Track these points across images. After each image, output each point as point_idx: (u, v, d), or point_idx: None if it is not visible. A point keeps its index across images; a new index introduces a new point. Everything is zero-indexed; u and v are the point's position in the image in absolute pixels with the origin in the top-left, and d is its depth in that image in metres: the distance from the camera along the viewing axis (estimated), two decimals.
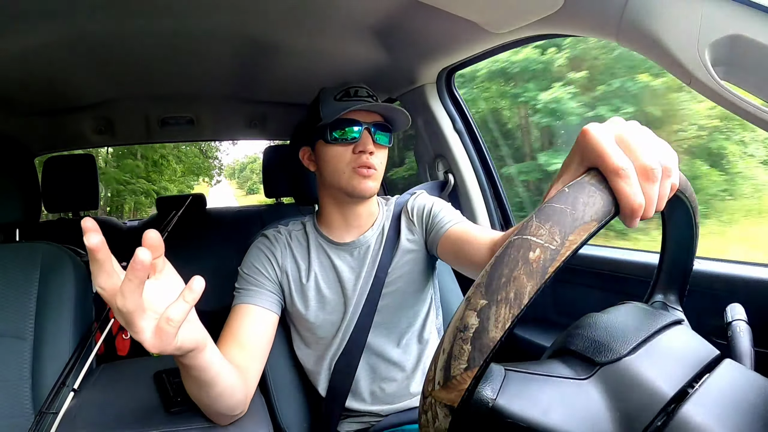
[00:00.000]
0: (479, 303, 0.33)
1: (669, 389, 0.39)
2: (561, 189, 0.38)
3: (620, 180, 0.38)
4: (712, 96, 0.72)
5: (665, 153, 0.42)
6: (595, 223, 0.35)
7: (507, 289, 0.32)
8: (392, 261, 1.15)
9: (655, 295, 0.61)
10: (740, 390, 0.42)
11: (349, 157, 1.07)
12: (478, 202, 1.76)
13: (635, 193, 0.38)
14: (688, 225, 0.53)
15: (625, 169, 0.38)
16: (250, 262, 1.11)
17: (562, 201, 0.35)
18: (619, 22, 0.82)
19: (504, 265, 0.33)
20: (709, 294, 0.60)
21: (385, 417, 1.14)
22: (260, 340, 1.02)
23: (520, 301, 0.32)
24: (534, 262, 0.33)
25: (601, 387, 0.41)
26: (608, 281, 1.32)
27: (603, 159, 0.39)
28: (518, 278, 0.32)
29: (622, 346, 0.42)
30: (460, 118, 1.76)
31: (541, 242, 0.33)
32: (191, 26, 1.30)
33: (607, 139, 0.40)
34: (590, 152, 0.41)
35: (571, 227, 0.34)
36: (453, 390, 0.34)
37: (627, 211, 0.39)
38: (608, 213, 0.37)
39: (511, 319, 0.32)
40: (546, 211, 0.35)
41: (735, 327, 0.55)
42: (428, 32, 1.34)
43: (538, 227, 0.34)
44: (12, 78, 1.48)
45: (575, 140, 0.43)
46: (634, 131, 0.42)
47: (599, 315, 0.48)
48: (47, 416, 0.91)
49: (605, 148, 0.40)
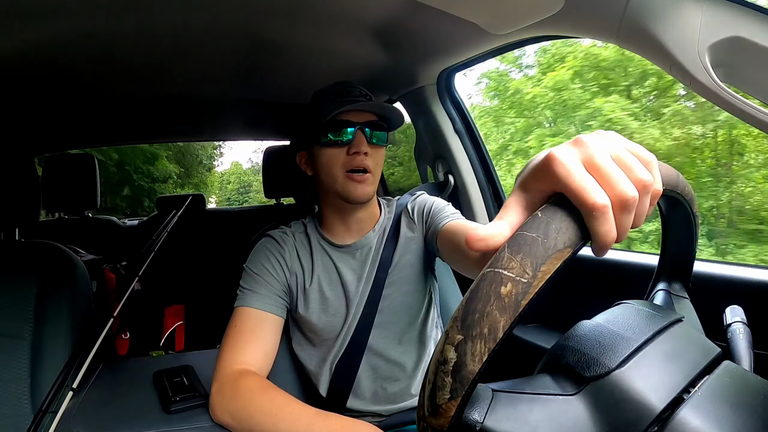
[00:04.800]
0: (456, 338, 0.33)
1: (659, 402, 0.39)
2: (534, 214, 0.36)
3: (594, 219, 0.34)
4: (712, 98, 0.72)
5: (642, 167, 0.37)
6: (569, 250, 0.34)
7: (481, 324, 0.32)
8: (392, 261, 1.15)
9: (659, 284, 0.61)
10: (739, 392, 0.42)
11: (344, 159, 1.06)
12: (478, 203, 1.76)
13: (609, 231, 0.35)
14: (686, 219, 0.53)
15: (604, 206, 0.34)
16: (259, 261, 1.10)
17: (533, 229, 0.34)
18: (620, 24, 0.82)
19: (477, 300, 0.33)
20: (708, 295, 0.60)
21: (387, 417, 1.14)
22: (270, 344, 1.03)
23: (494, 335, 0.32)
24: (506, 296, 0.32)
25: (589, 403, 0.40)
26: (608, 281, 1.32)
27: (575, 195, 0.35)
28: (491, 313, 0.32)
29: (611, 359, 0.41)
30: (460, 119, 1.76)
31: (512, 276, 0.32)
32: (191, 26, 1.30)
33: (577, 170, 0.35)
34: (558, 183, 0.36)
35: (543, 257, 0.33)
36: (441, 417, 0.34)
37: (599, 245, 0.36)
38: (583, 238, 0.35)
39: (487, 353, 0.32)
40: (517, 240, 0.34)
41: (734, 329, 0.55)
42: (429, 33, 1.34)
43: (510, 259, 0.33)
44: (11, 77, 1.48)
45: (538, 162, 0.38)
46: (604, 152, 0.36)
47: (590, 324, 0.47)
48: (46, 415, 0.91)
49: (577, 183, 0.35)
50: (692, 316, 0.59)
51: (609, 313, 0.50)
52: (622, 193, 0.35)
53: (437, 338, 1.21)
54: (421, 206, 1.19)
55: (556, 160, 0.36)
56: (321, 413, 0.88)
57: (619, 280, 1.29)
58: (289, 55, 1.56)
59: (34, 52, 1.30)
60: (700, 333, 0.56)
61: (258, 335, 1.01)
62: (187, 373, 1.07)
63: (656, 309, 0.50)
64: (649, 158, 0.38)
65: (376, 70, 1.66)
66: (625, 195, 0.35)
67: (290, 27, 1.34)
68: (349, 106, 1.04)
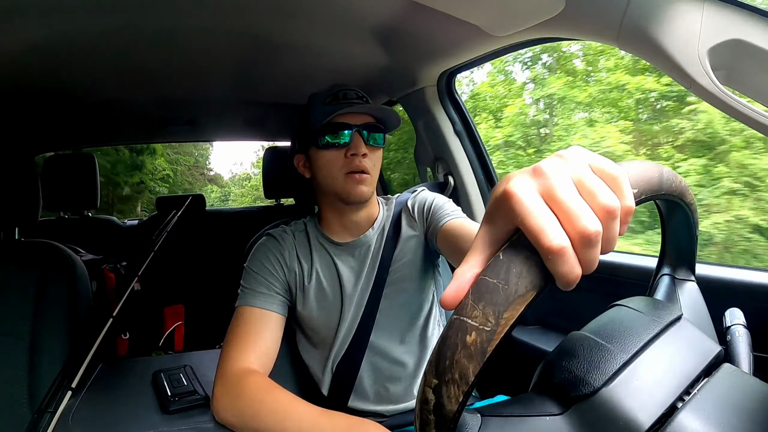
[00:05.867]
0: (432, 382, 0.34)
1: (647, 418, 0.38)
2: (496, 256, 0.34)
3: (551, 261, 0.32)
4: (712, 100, 0.72)
5: (606, 190, 0.34)
6: (531, 294, 0.33)
7: (452, 371, 0.33)
8: (393, 260, 1.15)
9: (663, 268, 0.61)
10: (739, 395, 0.41)
11: (342, 161, 1.06)
12: (478, 204, 1.76)
13: (569, 271, 0.32)
14: (683, 206, 0.52)
15: (560, 249, 0.32)
16: (259, 260, 1.11)
17: (494, 274, 0.33)
18: (620, 26, 0.82)
19: (446, 347, 0.33)
20: (707, 298, 0.59)
21: (389, 417, 1.14)
22: (272, 342, 1.03)
23: (466, 380, 0.32)
24: (471, 345, 0.32)
25: (574, 423, 0.40)
26: (606, 283, 1.32)
27: (531, 236, 0.33)
28: (459, 361, 0.33)
29: (597, 378, 0.41)
30: (460, 120, 1.76)
31: (476, 324, 0.32)
32: (191, 26, 1.30)
33: (533, 208, 0.33)
34: (516, 219, 0.34)
35: (505, 304, 0.32)
36: None
37: (561, 284, 0.34)
38: (545, 279, 0.34)
39: (462, 395, 0.33)
40: (480, 288, 0.33)
41: (734, 331, 0.55)
42: (429, 35, 1.35)
43: (473, 308, 0.33)
44: (11, 77, 1.48)
45: (497, 196, 0.36)
46: (564, 181, 0.34)
47: (579, 336, 0.47)
48: (45, 415, 0.91)
49: (533, 223, 0.33)
50: (697, 301, 0.58)
51: (600, 321, 0.49)
52: (584, 229, 0.32)
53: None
54: (421, 203, 1.19)
55: (513, 196, 0.34)
56: (326, 412, 0.88)
57: (619, 279, 1.29)
58: (289, 55, 1.57)
59: (34, 52, 1.30)
60: (706, 324, 0.56)
61: (260, 334, 1.01)
62: (187, 373, 1.07)
63: (653, 309, 0.49)
64: (615, 173, 0.35)
65: (376, 71, 1.67)
66: (586, 231, 0.32)
67: (291, 28, 1.34)
68: (346, 109, 1.04)
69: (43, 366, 1.11)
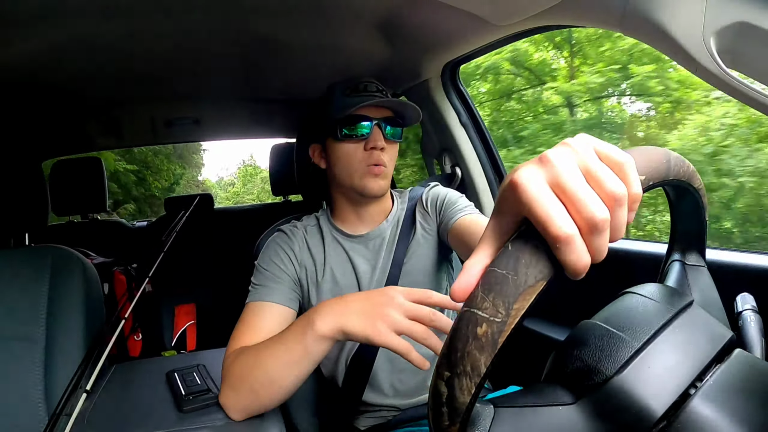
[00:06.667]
0: (445, 374, 0.34)
1: (660, 406, 0.38)
2: (504, 246, 0.34)
3: (559, 250, 0.32)
4: (718, 84, 0.71)
5: (613, 177, 0.34)
6: (541, 283, 0.33)
7: (464, 362, 0.33)
8: (407, 252, 1.15)
9: (673, 254, 0.60)
10: (752, 381, 0.41)
11: (361, 154, 1.07)
12: (486, 195, 1.75)
13: (578, 259, 0.32)
14: (692, 191, 0.51)
15: (567, 237, 0.32)
16: (269, 257, 1.11)
17: (503, 265, 0.33)
18: (623, 12, 0.81)
19: (458, 339, 0.33)
20: (719, 283, 0.59)
21: (403, 411, 1.14)
22: (276, 330, 1.02)
23: (477, 372, 0.33)
24: (482, 336, 0.32)
25: (587, 412, 0.40)
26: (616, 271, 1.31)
27: (539, 225, 0.33)
28: (471, 353, 0.33)
29: (609, 366, 0.41)
30: (465, 111, 1.76)
31: (486, 316, 0.32)
32: (194, 25, 1.31)
33: (541, 196, 0.33)
34: (524, 210, 0.34)
35: (514, 295, 0.32)
36: None
37: (570, 273, 0.34)
38: (554, 268, 0.34)
39: (475, 387, 0.33)
40: (489, 279, 0.33)
41: (745, 316, 0.54)
42: (432, 26, 1.34)
43: (483, 299, 0.33)
44: (17, 82, 1.49)
45: (505, 186, 0.36)
46: (571, 169, 0.34)
47: (590, 325, 0.46)
48: (61, 418, 0.92)
49: (540, 212, 0.33)
50: (708, 287, 0.58)
51: (611, 308, 0.49)
52: (591, 216, 0.32)
53: None
54: (434, 198, 1.19)
55: (520, 185, 0.34)
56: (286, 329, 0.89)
57: (629, 266, 1.28)
58: (292, 51, 1.56)
59: (38, 57, 1.31)
60: (717, 309, 0.56)
61: (263, 322, 1.00)
62: (200, 371, 1.08)
63: (663, 295, 0.49)
64: (621, 160, 0.35)
65: (380, 64, 1.66)
66: (594, 218, 0.32)
67: (293, 23, 1.34)
68: (369, 102, 1.04)
69: (58, 369, 1.12)
